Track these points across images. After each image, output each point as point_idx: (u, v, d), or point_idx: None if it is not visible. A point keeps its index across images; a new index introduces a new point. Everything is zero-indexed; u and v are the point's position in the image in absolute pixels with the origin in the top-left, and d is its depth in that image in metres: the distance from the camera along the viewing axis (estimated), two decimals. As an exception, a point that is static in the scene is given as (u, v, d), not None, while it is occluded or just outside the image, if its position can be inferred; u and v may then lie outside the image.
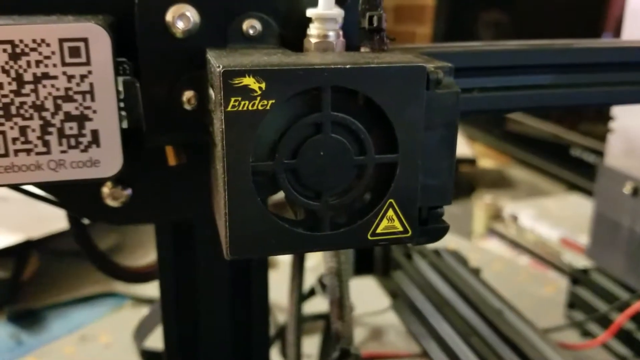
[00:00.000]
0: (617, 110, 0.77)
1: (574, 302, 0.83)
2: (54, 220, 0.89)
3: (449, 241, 1.03)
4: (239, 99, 0.28)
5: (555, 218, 1.11)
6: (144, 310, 0.70)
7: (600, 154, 0.86)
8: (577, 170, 1.21)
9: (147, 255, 0.94)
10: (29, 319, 0.83)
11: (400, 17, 2.02)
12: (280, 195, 0.32)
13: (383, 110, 0.30)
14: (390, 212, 0.32)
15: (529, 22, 1.44)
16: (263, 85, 0.28)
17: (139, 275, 0.51)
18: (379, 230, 0.32)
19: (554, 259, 1.02)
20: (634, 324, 0.71)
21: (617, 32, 1.13)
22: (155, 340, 0.59)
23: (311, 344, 0.73)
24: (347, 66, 0.29)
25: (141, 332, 0.67)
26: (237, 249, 0.30)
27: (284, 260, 0.94)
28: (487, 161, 1.57)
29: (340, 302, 0.48)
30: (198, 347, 0.48)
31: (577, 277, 0.82)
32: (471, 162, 1.48)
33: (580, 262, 0.91)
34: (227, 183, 0.29)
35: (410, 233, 0.32)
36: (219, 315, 0.47)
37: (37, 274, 0.91)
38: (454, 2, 1.69)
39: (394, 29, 1.92)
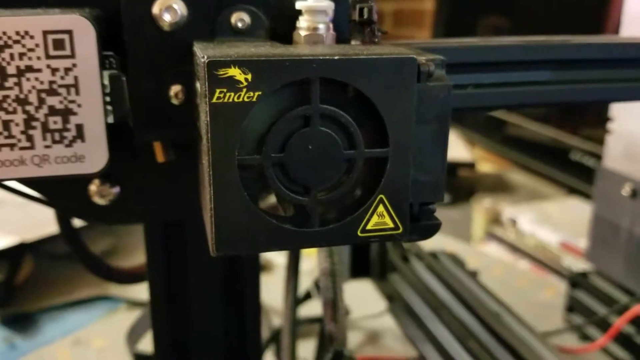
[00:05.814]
0: (616, 112, 0.76)
1: (573, 306, 0.82)
2: (48, 223, 0.88)
3: (448, 245, 1.02)
4: (225, 90, 0.27)
5: (555, 222, 1.10)
6: (138, 314, 0.69)
7: (600, 157, 0.85)
8: (577, 174, 1.20)
9: (142, 258, 0.94)
10: (22, 322, 0.82)
11: (399, 21, 2.02)
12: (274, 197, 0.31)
13: (373, 103, 0.29)
14: (381, 208, 0.31)
15: (527, 27, 1.44)
16: (249, 77, 0.27)
17: (130, 276, 0.50)
18: (369, 227, 0.31)
19: (554, 263, 1.01)
20: (633, 327, 0.71)
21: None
22: (149, 344, 0.58)
23: (306, 348, 0.72)
24: (336, 57, 0.28)
25: (133, 335, 0.67)
26: (223, 244, 0.29)
27: (279, 264, 0.94)
28: (487, 165, 1.56)
29: (334, 304, 0.47)
30: (189, 350, 0.47)
31: (576, 281, 0.81)
32: (470, 166, 1.47)
33: (580, 266, 0.90)
34: (213, 177, 0.28)
35: (401, 229, 0.31)
36: (210, 317, 0.47)
37: (31, 277, 0.90)
38: (454, 7, 1.69)
39: (394, 33, 1.91)
